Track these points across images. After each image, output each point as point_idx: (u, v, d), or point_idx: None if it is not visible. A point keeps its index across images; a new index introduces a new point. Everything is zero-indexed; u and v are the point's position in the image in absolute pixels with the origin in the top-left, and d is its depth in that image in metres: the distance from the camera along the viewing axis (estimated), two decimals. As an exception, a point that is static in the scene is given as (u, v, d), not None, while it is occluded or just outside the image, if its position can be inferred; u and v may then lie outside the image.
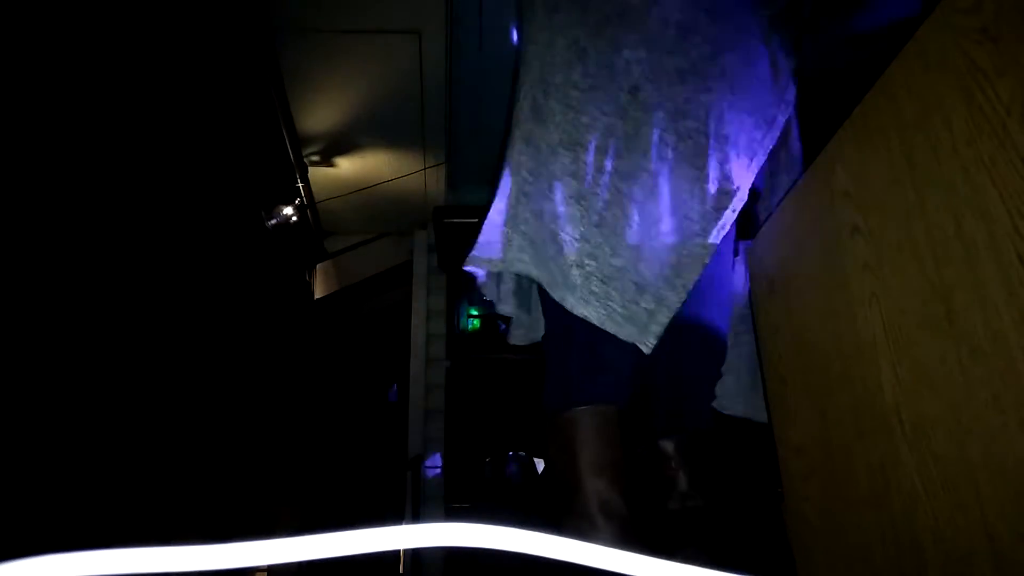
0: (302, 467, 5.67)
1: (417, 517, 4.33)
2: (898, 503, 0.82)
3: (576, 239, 1.25)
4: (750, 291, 1.38)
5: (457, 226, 4.48)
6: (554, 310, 1.35)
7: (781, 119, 1.38)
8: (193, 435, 4.01)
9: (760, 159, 1.34)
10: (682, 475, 1.30)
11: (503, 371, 4.88)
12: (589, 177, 1.28)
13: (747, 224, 1.43)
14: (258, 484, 5.09)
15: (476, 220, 1.45)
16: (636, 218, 1.26)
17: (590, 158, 1.28)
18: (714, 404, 1.45)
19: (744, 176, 1.32)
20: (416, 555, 4.25)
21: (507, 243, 1.33)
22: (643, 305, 1.22)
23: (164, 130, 3.48)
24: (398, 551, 4.19)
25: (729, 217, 1.28)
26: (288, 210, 4.69)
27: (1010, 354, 0.65)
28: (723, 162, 1.31)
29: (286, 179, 4.56)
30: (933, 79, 0.76)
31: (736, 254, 1.46)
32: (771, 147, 1.35)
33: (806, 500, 1.08)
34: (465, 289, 5.07)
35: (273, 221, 4.62)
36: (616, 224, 1.25)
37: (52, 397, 2.83)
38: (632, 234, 1.25)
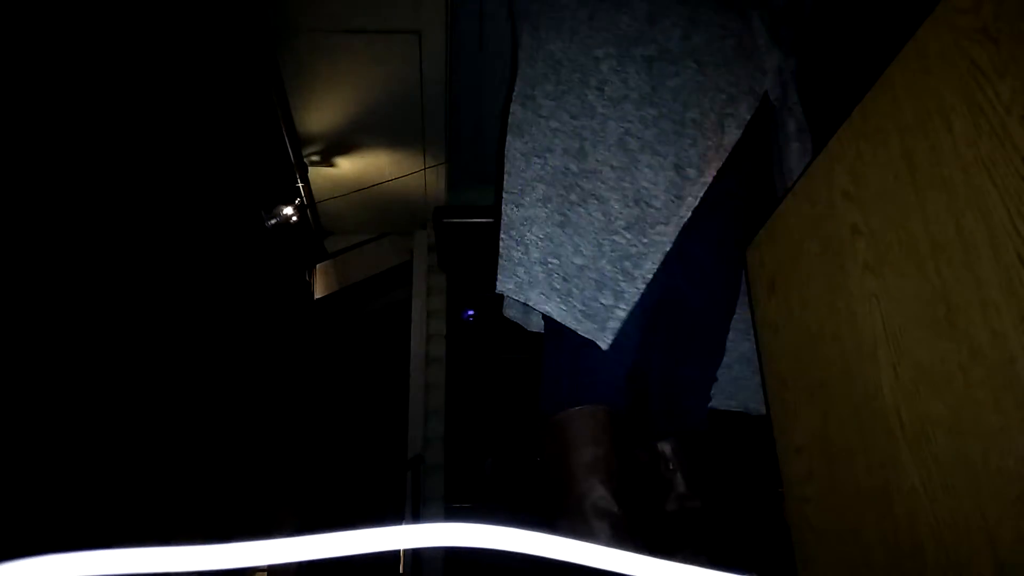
0: (302, 467, 5.67)
1: (417, 517, 4.32)
2: (898, 504, 0.82)
3: (540, 238, 1.27)
4: (750, 291, 1.38)
5: (457, 226, 4.48)
6: (547, 317, 1.35)
7: (759, 89, 1.36)
8: (193, 436, 4.01)
9: (733, 135, 1.31)
10: (679, 476, 1.30)
11: (503, 371, 4.88)
12: (556, 179, 1.29)
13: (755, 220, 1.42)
14: (258, 484, 5.09)
15: (476, 220, 1.46)
16: (599, 214, 1.26)
17: (557, 161, 1.30)
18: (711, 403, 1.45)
19: (712, 158, 1.29)
20: (416, 555, 4.25)
21: (500, 258, 1.33)
22: (602, 301, 1.22)
23: (165, 130, 3.48)
24: (398, 551, 4.19)
25: (691, 203, 1.26)
26: (288, 210, 4.69)
27: (1010, 354, 0.65)
28: (689, 146, 1.28)
29: (286, 179, 4.56)
30: (933, 79, 0.76)
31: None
32: (747, 120, 1.32)
33: (806, 501, 1.08)
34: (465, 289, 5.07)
35: (273, 221, 4.62)
36: (579, 221, 1.26)
37: (52, 397, 2.83)
38: (595, 230, 1.25)
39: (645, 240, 1.24)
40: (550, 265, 1.25)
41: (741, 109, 1.33)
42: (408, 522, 4.29)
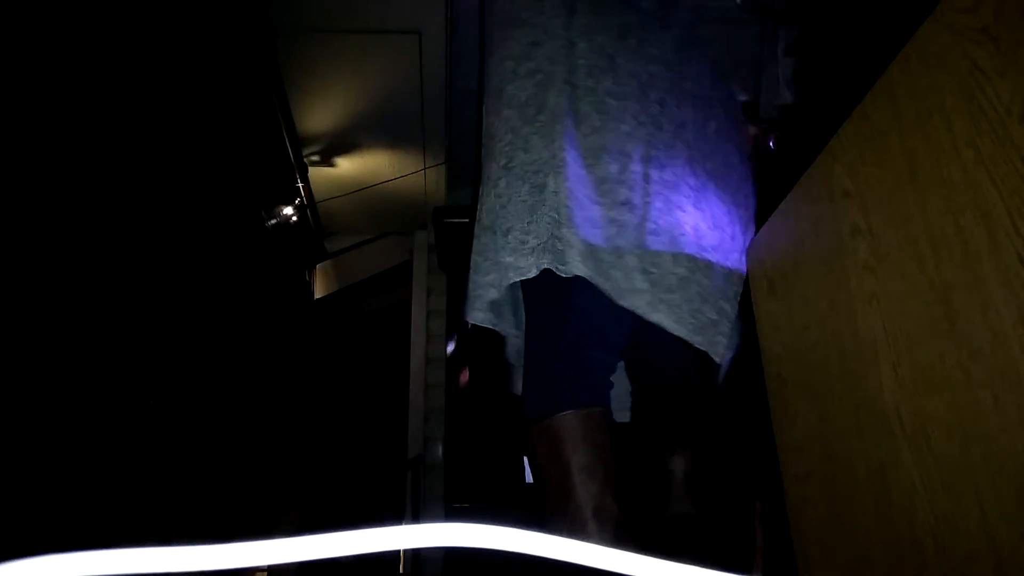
0: (302, 467, 5.67)
1: (417, 517, 4.32)
2: (898, 503, 0.82)
3: (635, 246, 1.24)
4: (750, 291, 1.38)
5: (457, 226, 4.48)
6: (539, 314, 1.32)
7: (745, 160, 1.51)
8: (193, 436, 4.01)
9: (752, 182, 1.46)
10: (676, 481, 1.30)
11: (503, 371, 4.87)
12: (638, 186, 1.27)
13: None
14: (258, 484, 5.09)
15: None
16: (688, 228, 1.28)
17: (637, 167, 1.28)
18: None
19: (751, 194, 1.42)
20: (416, 555, 4.25)
21: (565, 248, 1.19)
22: (707, 315, 1.24)
23: (164, 130, 3.48)
24: (398, 551, 4.19)
25: (751, 234, 1.35)
26: (288, 210, 4.69)
27: (1010, 354, 0.65)
28: (741, 183, 1.41)
29: (286, 179, 4.56)
30: (933, 79, 0.76)
31: None
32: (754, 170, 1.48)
33: (806, 501, 1.08)
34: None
35: (273, 221, 4.62)
36: (672, 233, 1.26)
37: (52, 397, 2.83)
38: (687, 245, 1.27)
39: (730, 265, 1.30)
40: (652, 275, 1.22)
41: (748, 163, 1.50)
42: (408, 522, 4.29)
